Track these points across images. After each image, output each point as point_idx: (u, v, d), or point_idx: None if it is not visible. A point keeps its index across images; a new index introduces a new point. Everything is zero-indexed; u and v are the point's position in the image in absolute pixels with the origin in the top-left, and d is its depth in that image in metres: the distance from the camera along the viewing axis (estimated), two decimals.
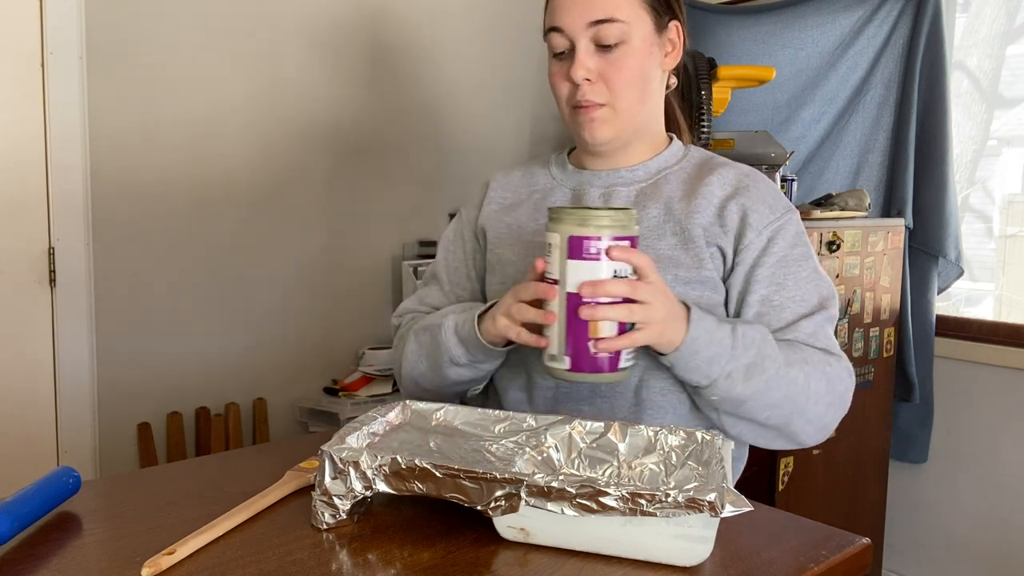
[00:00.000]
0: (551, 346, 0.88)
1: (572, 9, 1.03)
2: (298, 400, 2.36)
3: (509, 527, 0.70)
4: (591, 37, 1.02)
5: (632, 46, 1.03)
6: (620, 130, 1.07)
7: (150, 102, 2.08)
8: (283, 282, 2.34)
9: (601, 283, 0.85)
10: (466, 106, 2.69)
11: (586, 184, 1.12)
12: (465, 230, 1.21)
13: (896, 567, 2.49)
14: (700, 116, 2.00)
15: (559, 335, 0.88)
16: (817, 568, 0.68)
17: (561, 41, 1.04)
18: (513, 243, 1.13)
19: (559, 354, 0.88)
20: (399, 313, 1.24)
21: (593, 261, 0.85)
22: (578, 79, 1.03)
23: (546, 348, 0.89)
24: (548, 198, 1.14)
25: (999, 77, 2.39)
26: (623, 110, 1.06)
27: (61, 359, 1.97)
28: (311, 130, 2.37)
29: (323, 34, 2.37)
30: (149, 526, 0.75)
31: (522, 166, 1.23)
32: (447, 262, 1.22)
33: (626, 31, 1.02)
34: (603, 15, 1.01)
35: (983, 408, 2.31)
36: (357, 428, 0.80)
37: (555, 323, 0.87)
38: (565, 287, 0.86)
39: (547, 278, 0.88)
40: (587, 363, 0.87)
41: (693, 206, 1.06)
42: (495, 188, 1.20)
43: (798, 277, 1.04)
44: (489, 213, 1.17)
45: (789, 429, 1.00)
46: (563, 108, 1.09)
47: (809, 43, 2.56)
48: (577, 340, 0.87)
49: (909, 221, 2.35)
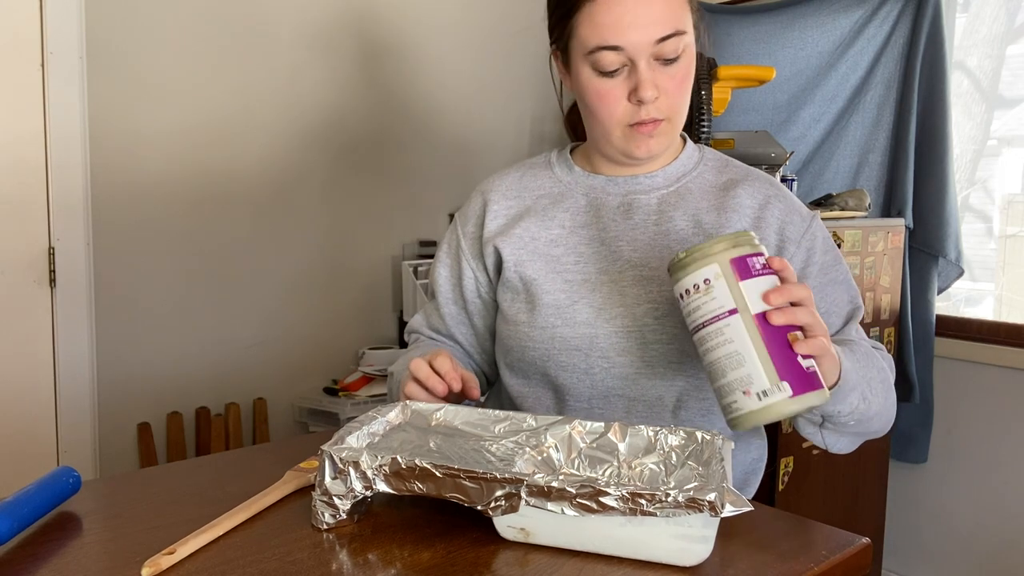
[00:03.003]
0: (755, 383, 0.77)
1: (635, 26, 0.94)
2: (298, 400, 2.36)
3: (509, 527, 0.70)
4: (653, 53, 0.96)
5: (688, 55, 0.99)
6: (671, 140, 1.04)
7: (150, 102, 2.08)
8: (283, 282, 2.34)
9: (786, 287, 0.78)
10: (466, 105, 2.68)
11: (600, 191, 1.08)
12: (463, 245, 1.15)
13: (896, 567, 2.49)
14: (700, 116, 2.00)
15: (763, 365, 0.77)
16: (817, 568, 0.68)
17: (616, 59, 0.96)
18: (532, 258, 1.07)
19: (772, 385, 0.76)
20: (409, 330, 1.22)
21: (761, 276, 0.79)
22: (649, 99, 0.96)
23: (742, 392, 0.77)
24: (559, 204, 1.09)
25: (999, 77, 2.39)
26: (678, 121, 1.02)
27: (61, 359, 1.97)
28: (312, 130, 2.37)
29: (324, 35, 2.37)
30: (149, 526, 0.75)
31: (517, 168, 1.17)
32: (442, 277, 1.17)
33: (685, 41, 0.97)
34: (670, 30, 0.95)
35: (983, 408, 2.31)
36: (357, 428, 0.80)
37: (750, 357, 0.77)
38: (749, 311, 0.77)
39: (705, 321, 0.79)
40: (805, 381, 0.77)
41: (724, 219, 1.03)
42: (495, 200, 1.12)
43: (836, 281, 1.04)
44: (497, 230, 1.10)
45: (883, 429, 1.00)
46: (612, 127, 1.01)
47: (809, 43, 2.56)
48: (786, 359, 0.77)
49: (909, 221, 2.35)
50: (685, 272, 0.80)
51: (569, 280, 1.04)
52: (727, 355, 0.78)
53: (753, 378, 0.77)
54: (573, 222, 1.08)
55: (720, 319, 0.78)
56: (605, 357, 1.01)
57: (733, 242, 0.79)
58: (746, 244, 0.80)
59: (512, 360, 1.09)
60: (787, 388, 0.76)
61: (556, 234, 1.07)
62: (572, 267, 1.05)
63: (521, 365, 1.08)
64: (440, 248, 1.20)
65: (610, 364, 1.01)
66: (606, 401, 1.03)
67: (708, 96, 2.01)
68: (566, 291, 1.04)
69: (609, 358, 1.01)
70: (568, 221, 1.08)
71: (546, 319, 1.03)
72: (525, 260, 1.07)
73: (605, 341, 1.01)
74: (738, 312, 0.77)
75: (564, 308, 1.03)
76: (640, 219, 1.05)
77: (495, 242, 1.10)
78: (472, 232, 1.14)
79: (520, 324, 1.06)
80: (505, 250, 1.08)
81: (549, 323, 1.03)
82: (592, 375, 1.02)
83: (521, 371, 1.08)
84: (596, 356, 1.02)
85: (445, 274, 1.17)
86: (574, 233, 1.07)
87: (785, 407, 0.77)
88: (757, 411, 0.77)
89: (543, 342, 1.03)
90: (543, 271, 1.05)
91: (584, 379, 1.03)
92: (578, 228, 1.07)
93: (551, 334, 1.03)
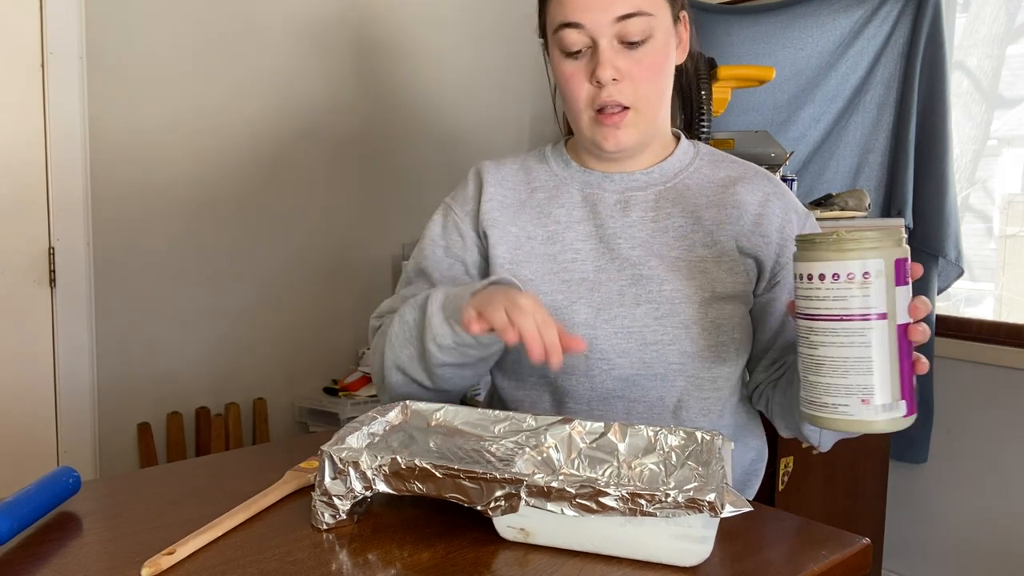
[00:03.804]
0: (878, 394, 0.73)
1: (595, 4, 0.94)
2: (298, 400, 2.36)
3: (509, 527, 0.70)
4: (615, 34, 0.95)
5: (656, 41, 0.97)
6: (643, 133, 1.02)
7: (150, 102, 2.08)
8: (283, 282, 2.34)
9: (927, 302, 0.75)
10: (466, 105, 2.68)
11: (596, 187, 1.07)
12: (461, 224, 1.10)
13: (896, 567, 2.49)
14: (700, 116, 2.00)
15: (891, 378, 0.73)
16: (817, 568, 0.68)
17: (578, 38, 0.96)
18: (528, 259, 1.05)
19: (893, 400, 0.73)
20: (379, 314, 1.09)
21: (908, 285, 0.74)
22: (606, 80, 0.95)
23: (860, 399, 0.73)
24: (555, 198, 1.07)
25: (999, 77, 2.39)
26: (647, 112, 1.00)
27: (61, 359, 1.97)
28: (313, 130, 2.37)
29: (325, 34, 2.37)
30: (149, 526, 0.75)
31: (514, 159, 1.14)
32: (436, 256, 1.10)
33: (652, 25, 0.96)
34: (631, 8, 0.94)
35: (983, 408, 2.31)
36: (357, 428, 0.80)
37: (882, 366, 0.73)
38: (895, 320, 0.72)
39: (846, 315, 0.72)
40: (913, 401, 0.75)
41: (725, 215, 1.02)
42: (491, 182, 1.09)
43: None
44: (490, 212, 1.07)
45: None
46: (579, 112, 1.00)
47: (809, 43, 2.56)
48: (909, 377, 0.74)
49: (909, 221, 2.35)
50: (842, 255, 0.72)
51: (566, 280, 1.03)
52: (857, 357, 0.73)
53: (877, 389, 0.73)
54: (569, 217, 1.06)
55: (867, 319, 0.72)
56: (605, 359, 1.01)
57: (897, 239, 0.73)
58: (903, 246, 0.74)
59: (506, 363, 1.07)
60: (903, 406, 0.74)
61: (552, 231, 1.05)
62: (569, 265, 1.04)
63: (516, 368, 1.06)
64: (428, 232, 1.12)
65: (610, 366, 1.01)
66: (606, 403, 1.02)
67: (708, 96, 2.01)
68: (563, 291, 1.02)
69: (609, 359, 1.01)
70: (564, 216, 1.06)
71: None
72: (521, 260, 1.05)
73: (605, 343, 1.00)
74: (887, 318, 0.72)
75: (562, 309, 1.01)
76: (638, 216, 1.04)
77: (487, 229, 1.07)
78: (471, 209, 1.10)
79: None
80: (499, 248, 1.06)
81: None
82: (592, 377, 1.02)
83: (516, 374, 1.07)
84: (596, 357, 1.01)
85: (440, 255, 1.10)
86: (570, 228, 1.05)
87: (896, 424, 0.74)
88: (868, 421, 0.73)
89: None
90: (540, 272, 1.04)
91: (584, 381, 1.02)
92: (574, 223, 1.05)
93: None
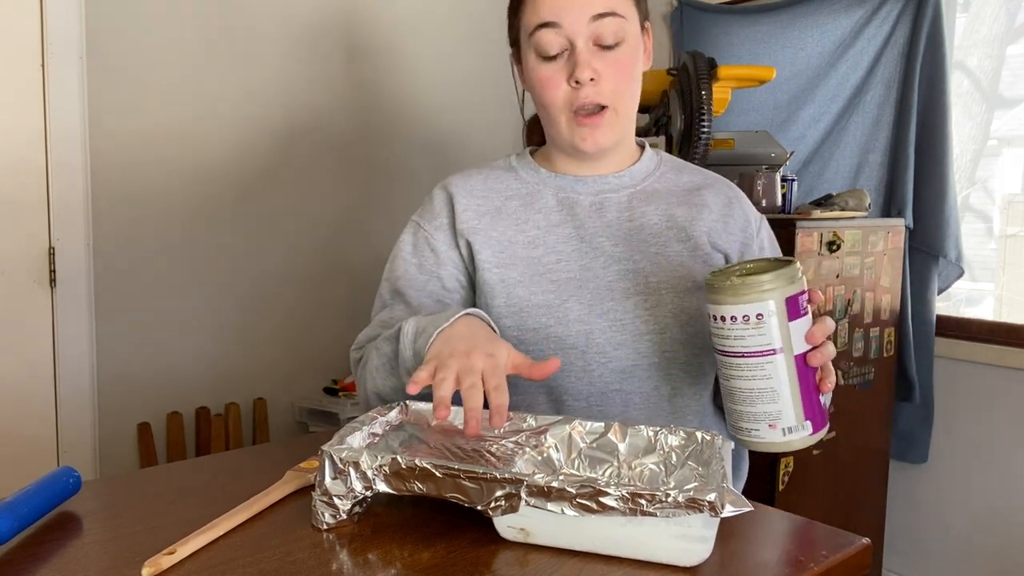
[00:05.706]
0: (783, 419, 0.79)
1: (572, 4, 0.97)
2: (298, 400, 2.36)
3: (509, 527, 0.70)
4: (591, 34, 0.99)
5: (629, 44, 1.01)
6: (619, 134, 1.05)
7: (150, 102, 2.08)
8: (283, 282, 2.34)
9: (825, 327, 0.80)
10: (459, 108, 2.69)
11: (570, 191, 1.09)
12: (432, 239, 1.08)
13: (896, 567, 2.49)
14: (700, 116, 2.00)
15: (794, 404, 0.79)
16: (817, 568, 0.68)
17: (555, 40, 0.99)
18: (512, 262, 1.04)
19: (798, 423, 0.80)
20: (358, 345, 1.08)
21: (804, 316, 0.79)
22: (584, 79, 0.98)
23: (767, 425, 0.80)
24: (530, 205, 1.08)
25: (999, 77, 2.39)
26: (623, 111, 1.04)
27: (61, 359, 1.97)
28: (314, 130, 2.37)
29: (326, 36, 2.37)
30: (149, 526, 0.75)
31: (477, 170, 1.14)
32: (410, 274, 1.08)
33: (624, 28, 1.00)
34: (606, 8, 0.98)
35: (983, 408, 2.31)
36: (357, 428, 0.80)
37: (783, 394, 0.79)
38: (792, 352, 0.78)
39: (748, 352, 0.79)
40: (822, 418, 0.81)
41: (695, 213, 1.07)
42: (462, 194, 1.09)
43: None
44: (469, 222, 1.06)
45: None
46: (556, 115, 1.02)
47: (809, 43, 2.56)
48: (813, 399, 0.80)
49: (909, 221, 2.35)
50: (737, 299, 0.78)
51: (555, 280, 1.03)
52: (761, 389, 0.79)
53: (783, 415, 0.79)
54: (547, 221, 1.07)
55: (764, 355, 0.78)
56: (602, 352, 1.01)
57: (789, 277, 0.78)
58: (798, 280, 0.79)
59: None
60: (809, 426, 0.80)
61: (532, 235, 1.06)
62: (555, 266, 1.04)
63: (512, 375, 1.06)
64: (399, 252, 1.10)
65: (607, 359, 1.01)
66: (604, 397, 1.03)
67: (708, 96, 2.01)
68: (554, 291, 1.03)
69: (606, 353, 1.01)
70: (542, 221, 1.07)
71: (538, 320, 1.02)
72: (507, 263, 1.05)
73: (601, 336, 1.01)
74: (783, 352, 0.78)
75: (555, 307, 1.02)
76: (614, 216, 1.07)
77: (468, 237, 1.06)
78: (445, 223, 1.08)
79: (508, 328, 1.02)
80: (483, 253, 1.05)
81: (542, 323, 1.02)
82: (590, 372, 1.02)
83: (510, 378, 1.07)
84: (593, 352, 1.01)
85: (413, 272, 1.08)
86: (550, 232, 1.06)
87: (802, 443, 0.80)
88: (777, 443, 0.80)
89: (536, 344, 1.01)
90: (526, 274, 1.04)
91: (583, 377, 1.02)
92: (553, 227, 1.07)
93: (545, 335, 1.02)
